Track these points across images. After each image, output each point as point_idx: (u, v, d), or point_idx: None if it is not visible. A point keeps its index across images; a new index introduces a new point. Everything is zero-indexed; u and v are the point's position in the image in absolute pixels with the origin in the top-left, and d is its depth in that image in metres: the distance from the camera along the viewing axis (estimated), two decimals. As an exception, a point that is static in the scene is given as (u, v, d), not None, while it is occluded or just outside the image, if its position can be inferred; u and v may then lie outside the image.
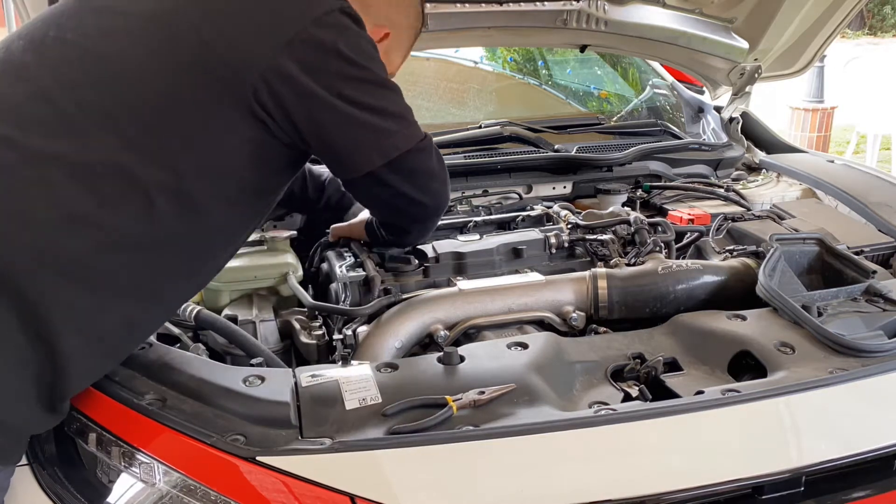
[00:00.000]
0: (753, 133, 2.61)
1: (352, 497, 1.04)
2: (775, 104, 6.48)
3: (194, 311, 1.47)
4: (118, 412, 1.16)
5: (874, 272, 1.64)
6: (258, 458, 1.07)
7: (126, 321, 1.16)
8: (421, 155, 1.29)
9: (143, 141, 1.11)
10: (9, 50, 1.16)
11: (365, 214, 1.72)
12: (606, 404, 1.25)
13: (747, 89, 2.54)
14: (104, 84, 1.12)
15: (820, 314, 1.49)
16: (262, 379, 1.23)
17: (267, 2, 1.19)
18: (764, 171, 2.47)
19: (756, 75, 2.47)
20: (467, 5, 2.10)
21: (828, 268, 1.72)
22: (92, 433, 1.16)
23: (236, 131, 1.16)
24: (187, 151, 1.13)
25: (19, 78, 1.13)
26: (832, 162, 2.43)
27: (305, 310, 1.63)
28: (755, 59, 2.42)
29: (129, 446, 1.12)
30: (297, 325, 1.58)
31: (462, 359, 1.30)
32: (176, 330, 1.50)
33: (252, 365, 1.35)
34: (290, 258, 1.73)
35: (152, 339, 1.33)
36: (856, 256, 1.72)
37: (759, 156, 2.52)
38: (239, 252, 1.72)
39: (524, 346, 1.35)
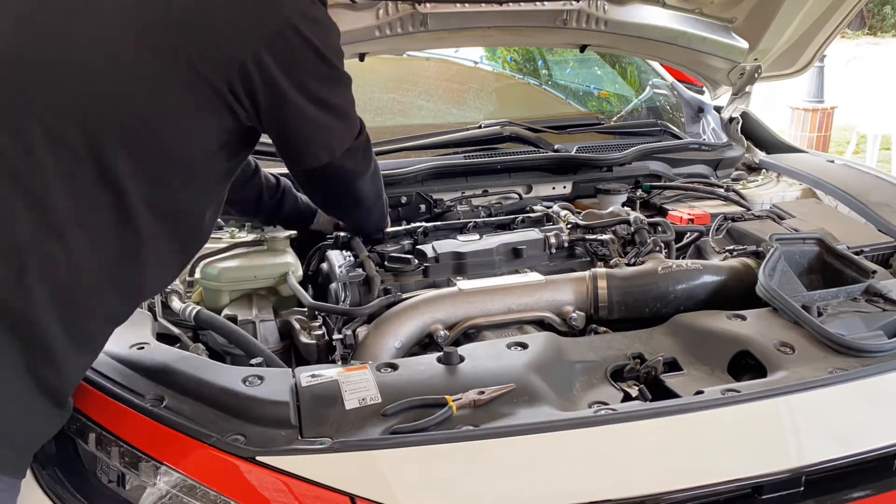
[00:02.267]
0: (753, 133, 2.61)
1: (352, 497, 1.04)
2: (775, 104, 6.48)
3: (194, 311, 1.47)
4: (118, 412, 1.16)
5: (874, 272, 1.64)
6: (258, 457, 1.07)
7: (109, 316, 1.16)
8: (356, 152, 1.38)
9: (111, 129, 1.08)
10: None
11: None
12: (606, 404, 1.25)
13: (747, 89, 2.54)
14: (70, 67, 1.08)
15: (820, 314, 1.49)
16: (262, 379, 1.23)
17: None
18: (764, 171, 2.47)
19: (756, 75, 2.47)
20: (467, 5, 2.10)
21: (828, 268, 1.72)
22: (92, 433, 1.16)
23: (209, 121, 1.14)
24: (159, 140, 1.11)
25: None
26: (832, 162, 2.43)
27: (305, 310, 1.63)
28: (755, 59, 2.42)
29: (128, 446, 1.12)
30: (296, 325, 1.58)
31: (462, 359, 1.30)
32: (176, 330, 1.50)
33: (252, 365, 1.35)
34: (290, 258, 1.73)
35: (152, 339, 1.33)
36: (856, 256, 1.72)
37: (759, 156, 2.52)
38: (239, 252, 1.73)
39: (524, 346, 1.35)
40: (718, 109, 2.68)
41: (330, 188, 1.46)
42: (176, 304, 1.53)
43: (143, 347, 1.30)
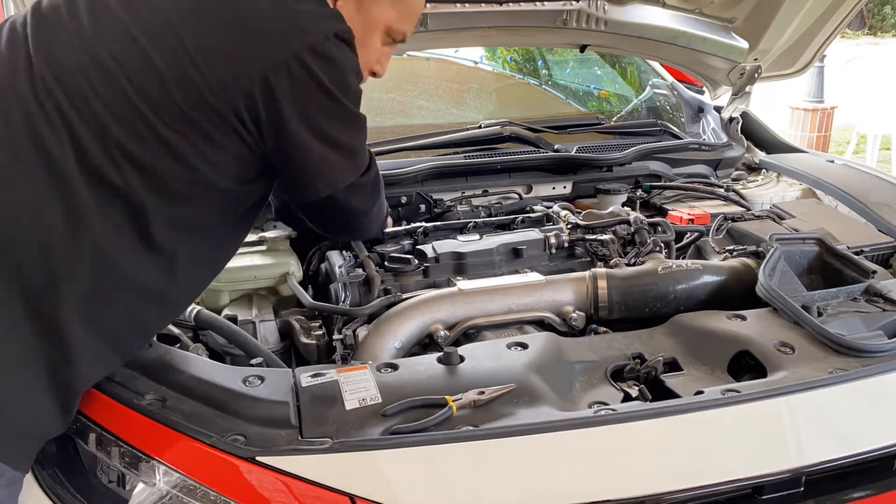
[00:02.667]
0: (753, 133, 2.61)
1: (352, 497, 1.04)
2: (775, 104, 6.48)
3: (194, 312, 1.47)
4: (118, 412, 1.16)
5: (874, 272, 1.64)
6: (258, 458, 1.08)
7: (130, 315, 1.17)
8: (361, 189, 1.34)
9: (126, 146, 1.11)
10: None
11: None
12: (606, 404, 1.25)
13: (747, 89, 2.54)
14: (93, 87, 1.12)
15: (820, 314, 1.49)
16: (262, 379, 1.23)
17: (262, 21, 1.16)
18: (764, 171, 2.47)
19: (756, 75, 2.47)
20: (467, 5, 2.10)
21: (828, 268, 1.72)
22: (92, 433, 1.17)
23: (218, 146, 1.16)
24: (171, 162, 1.14)
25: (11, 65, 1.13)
26: (832, 162, 2.43)
27: (305, 310, 1.63)
28: (755, 59, 2.42)
29: (129, 446, 1.12)
30: (296, 326, 1.58)
31: (462, 359, 1.30)
32: (176, 330, 1.50)
33: (252, 365, 1.35)
34: (290, 258, 1.73)
35: (153, 339, 1.33)
36: (856, 256, 1.72)
37: (759, 156, 2.52)
38: (238, 252, 1.73)
39: (524, 346, 1.35)
40: (718, 109, 2.68)
41: (330, 220, 1.43)
42: (176, 304, 1.53)
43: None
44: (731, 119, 2.57)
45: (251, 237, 1.81)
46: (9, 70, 1.13)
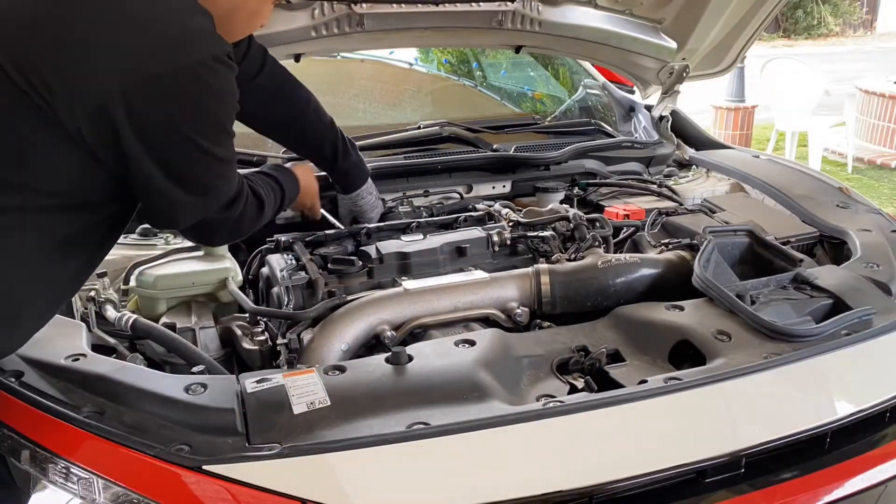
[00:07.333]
0: (683, 130, 2.69)
1: (303, 501, 1.03)
2: (699, 104, 6.69)
3: (130, 320, 1.42)
4: (54, 427, 1.11)
5: (801, 261, 1.72)
6: (204, 466, 1.05)
7: None
8: (203, 227, 1.32)
9: None
10: None
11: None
12: (554, 397, 1.27)
13: (676, 88, 2.62)
14: None
15: (753, 302, 1.54)
16: (205, 387, 1.20)
17: (126, 34, 1.07)
18: (694, 167, 2.55)
19: (684, 74, 2.55)
20: (403, 6, 2.10)
21: (758, 258, 1.79)
22: (26, 450, 1.11)
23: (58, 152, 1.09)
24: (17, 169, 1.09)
25: None
26: (757, 157, 2.53)
27: (247, 315, 1.59)
28: (683, 59, 2.50)
29: (66, 462, 1.08)
30: (238, 332, 1.55)
31: (410, 358, 1.30)
32: (112, 340, 1.45)
33: (194, 373, 1.31)
34: (229, 263, 1.69)
35: (88, 350, 1.28)
36: (783, 247, 1.80)
37: (689, 152, 2.60)
38: (176, 258, 1.68)
39: (471, 343, 1.36)
40: (649, 108, 2.75)
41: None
42: (111, 313, 1.47)
43: (78, 359, 1.24)
44: (662, 117, 2.65)
45: (188, 243, 1.76)
46: None
